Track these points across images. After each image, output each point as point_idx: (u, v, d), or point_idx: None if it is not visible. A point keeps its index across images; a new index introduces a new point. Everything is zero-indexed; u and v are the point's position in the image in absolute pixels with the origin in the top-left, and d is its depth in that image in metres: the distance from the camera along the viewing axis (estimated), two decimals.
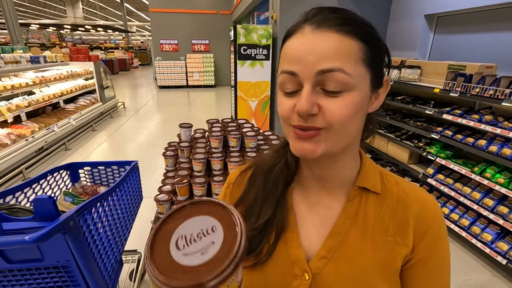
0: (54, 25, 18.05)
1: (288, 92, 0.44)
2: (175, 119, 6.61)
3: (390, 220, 0.49)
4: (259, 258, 0.50)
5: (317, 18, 0.42)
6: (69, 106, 5.38)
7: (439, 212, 0.50)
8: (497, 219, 2.13)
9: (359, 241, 0.48)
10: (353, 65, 0.40)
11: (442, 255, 0.50)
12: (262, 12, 6.89)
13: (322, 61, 0.39)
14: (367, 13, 4.11)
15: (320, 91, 0.41)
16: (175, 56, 11.64)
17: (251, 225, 0.51)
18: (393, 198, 0.51)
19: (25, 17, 24.37)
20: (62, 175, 1.53)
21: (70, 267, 0.96)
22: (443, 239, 0.50)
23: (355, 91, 0.41)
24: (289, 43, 0.44)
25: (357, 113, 0.43)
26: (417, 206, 0.50)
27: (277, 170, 0.54)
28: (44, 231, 0.76)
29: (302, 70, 0.41)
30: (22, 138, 3.63)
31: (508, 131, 2.02)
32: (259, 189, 0.54)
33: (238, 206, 0.55)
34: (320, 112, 0.41)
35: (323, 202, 0.52)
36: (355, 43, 0.41)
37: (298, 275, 0.48)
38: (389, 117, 3.27)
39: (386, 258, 0.47)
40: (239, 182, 0.60)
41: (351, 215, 0.50)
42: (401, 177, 0.55)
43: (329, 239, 0.49)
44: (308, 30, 0.41)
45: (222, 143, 1.63)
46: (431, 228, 0.49)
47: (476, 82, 2.26)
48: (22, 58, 4.35)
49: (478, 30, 3.01)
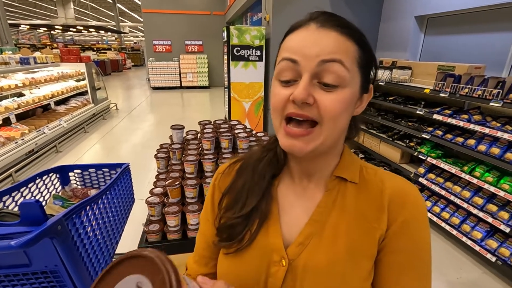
0: (45, 26, 17.79)
1: (284, 81, 0.46)
2: (168, 120, 6.57)
3: (368, 208, 0.50)
4: (240, 245, 0.52)
5: (321, 18, 0.46)
6: (60, 107, 5.30)
7: (417, 198, 0.50)
8: (486, 217, 2.16)
9: (336, 229, 0.50)
10: (350, 62, 0.44)
11: (418, 242, 0.49)
12: (255, 13, 6.90)
13: (324, 53, 0.43)
14: (359, 14, 4.15)
15: (316, 85, 0.44)
16: (169, 57, 11.58)
17: (236, 213, 0.54)
18: (371, 186, 0.52)
19: (15, 18, 23.96)
20: (51, 178, 1.50)
21: (59, 272, 0.94)
22: (419, 224, 0.49)
23: (348, 88, 0.44)
24: (293, 36, 0.47)
25: (346, 110, 0.46)
26: (391, 190, 0.51)
27: (264, 163, 0.56)
28: (30, 236, 0.74)
29: (303, 60, 0.43)
30: (11, 141, 3.57)
31: (496, 131, 2.06)
32: (246, 180, 0.56)
33: (226, 195, 0.58)
34: (314, 105, 0.43)
35: (307, 193, 0.54)
36: (352, 44, 0.45)
37: (276, 261, 0.50)
38: (381, 117, 3.30)
39: (363, 245, 0.49)
40: (227, 172, 0.62)
41: (329, 204, 0.52)
42: (383, 169, 0.56)
43: (307, 226, 0.51)
44: (313, 27, 0.45)
45: (214, 145, 1.62)
46: (404, 211, 0.49)
47: (465, 82, 2.30)
48: (11, 59, 4.29)
49: (467, 31, 3.06)
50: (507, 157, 2.03)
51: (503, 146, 2.10)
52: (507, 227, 2.02)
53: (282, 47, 0.48)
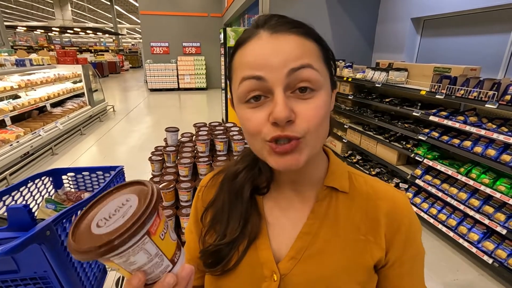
0: (42, 28, 17.74)
1: (252, 103, 0.41)
2: (166, 122, 6.55)
3: (361, 219, 0.49)
4: (227, 267, 0.49)
5: (270, 23, 0.41)
6: (56, 109, 5.27)
7: (409, 207, 0.50)
8: (482, 219, 2.16)
9: (329, 241, 0.48)
10: (318, 62, 0.41)
11: (416, 251, 0.50)
12: (253, 15, 6.91)
13: (290, 61, 0.39)
14: (356, 16, 4.16)
15: (291, 96, 0.40)
16: (166, 59, 11.57)
17: (219, 240, 0.50)
18: (362, 196, 0.50)
19: (11, 19, 23.88)
20: (44, 182, 1.48)
21: (49, 278, 0.93)
22: (415, 234, 0.50)
23: (323, 90, 0.41)
24: (246, 50, 0.42)
25: (327, 114, 0.43)
26: (387, 204, 0.49)
27: (240, 179, 0.53)
28: (17, 242, 0.73)
29: (269, 74, 0.39)
30: (6, 143, 3.54)
31: (492, 132, 2.06)
32: (225, 200, 0.53)
33: (209, 209, 0.55)
34: (296, 119, 0.39)
35: (295, 205, 0.52)
36: (311, 43, 0.42)
37: (267, 276, 0.47)
38: (377, 119, 3.30)
39: (357, 258, 0.47)
40: (210, 185, 0.59)
41: (320, 215, 0.49)
42: (370, 176, 0.55)
43: (298, 240, 0.48)
44: (265, 35, 0.41)
45: (209, 147, 1.61)
46: (402, 224, 0.48)
47: (460, 84, 2.31)
48: (6, 61, 4.26)
49: (463, 33, 3.07)
50: (503, 158, 2.03)
51: (499, 147, 2.10)
52: (504, 229, 2.01)
53: (236, 66, 0.43)
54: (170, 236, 0.34)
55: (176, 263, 0.34)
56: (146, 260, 0.31)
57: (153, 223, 0.30)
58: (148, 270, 0.32)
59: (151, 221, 0.30)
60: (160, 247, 0.32)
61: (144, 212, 0.29)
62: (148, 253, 0.31)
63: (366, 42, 4.28)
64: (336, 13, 3.99)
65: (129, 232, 0.27)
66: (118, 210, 0.31)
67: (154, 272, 0.32)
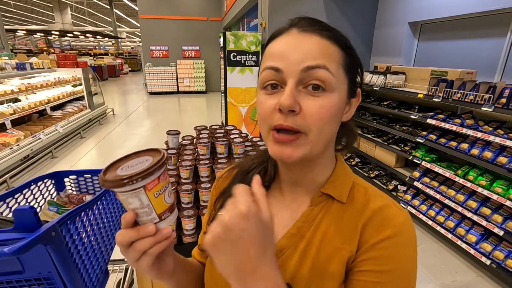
0: (42, 31, 17.79)
1: (269, 90, 0.45)
2: (165, 126, 6.57)
3: (346, 229, 0.48)
4: None
5: (302, 23, 0.46)
6: (56, 113, 5.29)
7: (401, 222, 0.46)
8: (480, 220, 2.18)
9: (309, 246, 0.48)
10: (335, 67, 0.44)
11: (393, 265, 0.44)
12: (252, 19, 6.96)
13: (308, 59, 0.42)
14: (354, 20, 4.21)
15: (302, 91, 0.43)
16: (166, 62, 11.62)
17: None
18: (356, 207, 0.49)
19: (11, 23, 23.94)
20: (46, 184, 1.50)
21: (53, 278, 0.94)
22: (397, 246, 0.44)
23: (335, 93, 0.43)
24: (274, 43, 0.46)
25: (334, 116, 0.44)
26: (371, 212, 0.47)
27: (251, 175, 0.56)
28: (23, 242, 0.74)
29: (287, 67, 0.43)
30: (6, 147, 3.55)
31: (488, 135, 2.09)
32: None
33: (220, 198, 0.59)
34: (300, 112, 0.42)
35: (292, 205, 0.54)
36: (335, 48, 0.44)
37: None
38: (376, 121, 3.33)
39: (328, 267, 0.46)
40: (225, 176, 0.65)
41: (309, 219, 0.50)
42: (375, 187, 0.53)
43: (283, 238, 0.50)
44: (294, 32, 0.45)
45: (209, 150, 1.63)
46: (378, 234, 0.45)
47: (457, 87, 2.34)
48: (7, 64, 4.28)
49: (460, 37, 3.11)
50: (499, 160, 2.06)
51: (495, 150, 2.13)
52: (501, 230, 2.04)
53: (265, 55, 0.47)
54: (165, 197, 0.42)
55: (163, 219, 0.42)
56: (138, 205, 0.40)
57: (150, 182, 0.39)
58: (139, 214, 0.41)
59: (148, 180, 0.39)
60: (152, 202, 0.41)
61: (142, 172, 0.38)
62: (140, 201, 0.40)
63: (364, 46, 4.33)
64: (334, 18, 4.03)
65: (128, 180, 0.37)
66: (138, 164, 0.41)
67: (144, 218, 0.41)
